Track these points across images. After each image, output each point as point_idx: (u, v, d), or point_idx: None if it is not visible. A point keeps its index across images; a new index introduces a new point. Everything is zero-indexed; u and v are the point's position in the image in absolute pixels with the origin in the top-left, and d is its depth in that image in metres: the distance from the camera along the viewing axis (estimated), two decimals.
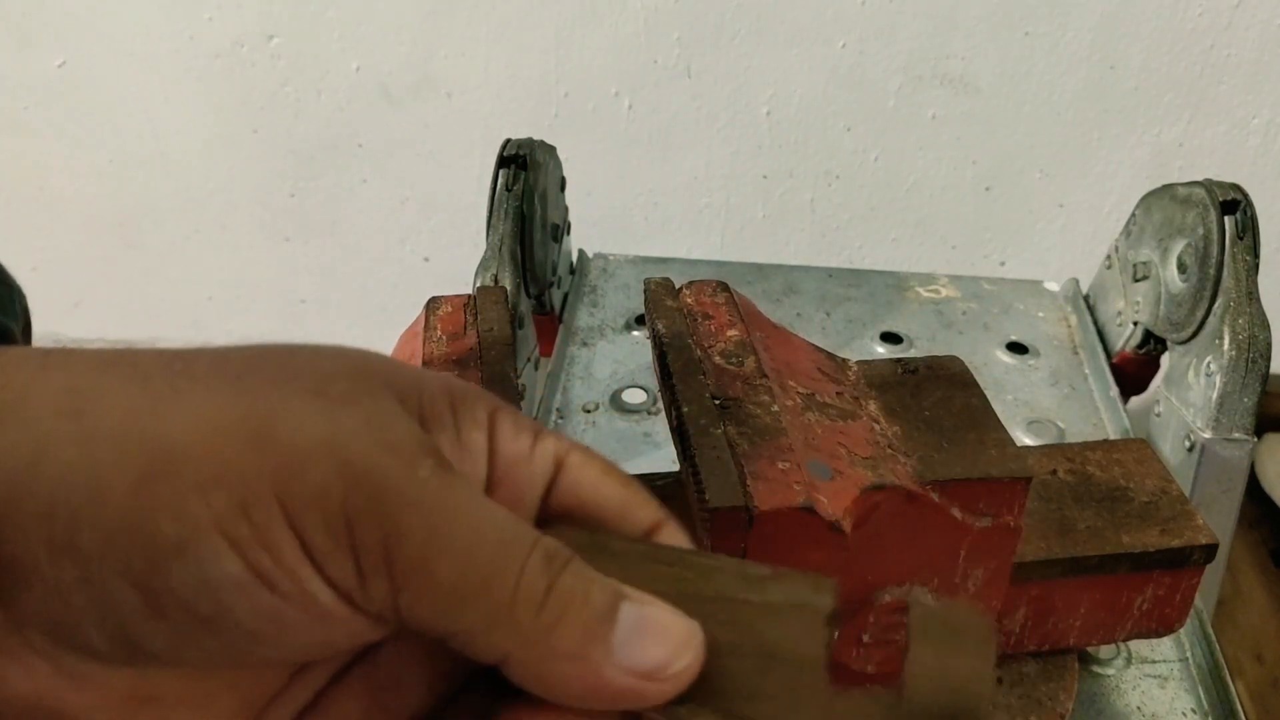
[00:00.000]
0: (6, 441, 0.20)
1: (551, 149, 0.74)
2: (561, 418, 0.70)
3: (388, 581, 0.22)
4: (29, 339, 0.30)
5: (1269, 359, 0.64)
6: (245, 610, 0.21)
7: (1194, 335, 0.67)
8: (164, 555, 0.21)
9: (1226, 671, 0.54)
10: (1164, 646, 0.56)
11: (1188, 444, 0.65)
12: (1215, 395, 0.64)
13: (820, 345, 0.50)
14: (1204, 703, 0.54)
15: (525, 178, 0.68)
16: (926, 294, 0.84)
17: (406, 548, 0.21)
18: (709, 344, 0.45)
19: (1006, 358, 0.77)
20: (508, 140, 0.70)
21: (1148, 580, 0.48)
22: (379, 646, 0.25)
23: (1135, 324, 0.74)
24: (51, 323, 0.65)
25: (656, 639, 0.23)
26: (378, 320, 1.36)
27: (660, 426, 0.69)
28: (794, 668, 0.24)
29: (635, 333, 0.78)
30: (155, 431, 0.21)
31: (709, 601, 0.25)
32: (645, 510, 0.27)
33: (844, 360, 0.49)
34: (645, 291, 0.49)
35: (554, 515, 0.27)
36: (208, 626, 0.21)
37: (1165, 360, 0.72)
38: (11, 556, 0.20)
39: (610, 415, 0.70)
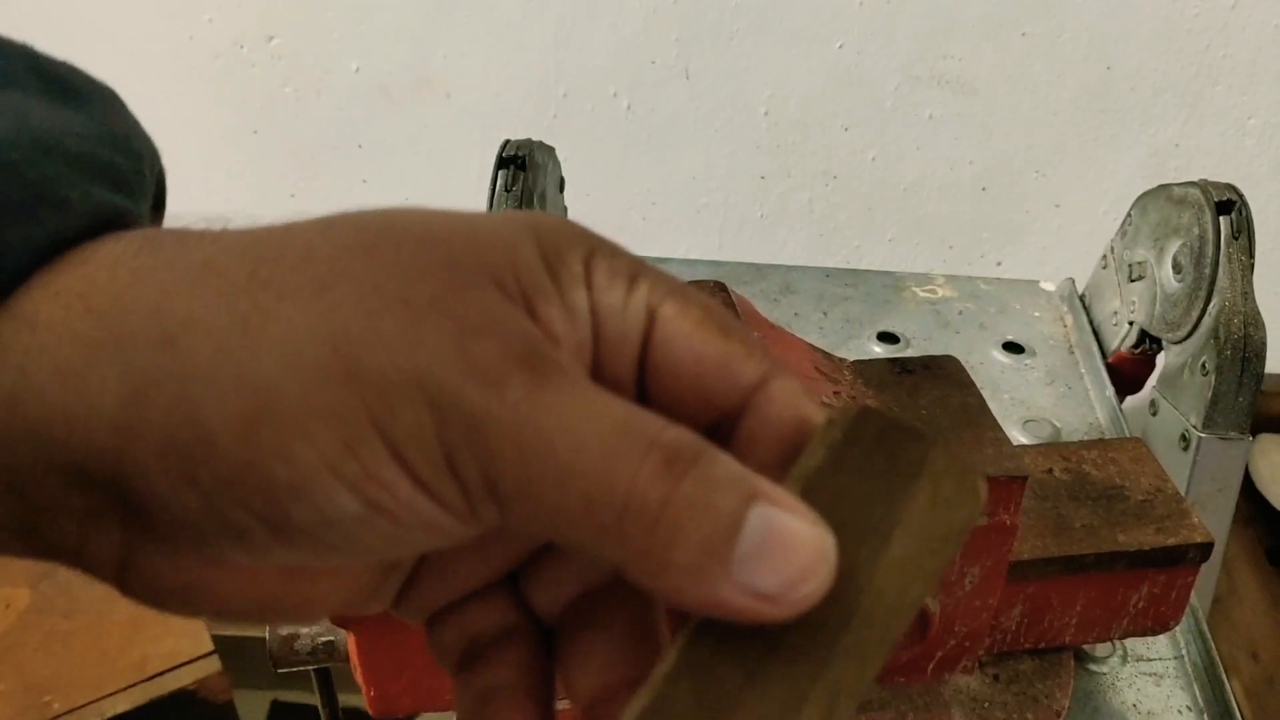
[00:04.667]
0: (103, 378, 0.20)
1: (550, 149, 0.74)
2: None
3: (495, 506, 0.21)
4: (162, 210, 0.29)
5: (1264, 358, 0.64)
6: (369, 537, 0.22)
7: (1189, 335, 0.67)
8: (280, 496, 0.21)
9: (1222, 669, 0.55)
10: (1159, 644, 0.57)
11: (1183, 443, 0.66)
12: (1210, 394, 0.64)
13: (817, 345, 0.50)
14: (1199, 700, 0.54)
15: (524, 178, 0.68)
16: (923, 294, 0.84)
17: (505, 475, 0.21)
18: None
19: (1003, 357, 0.78)
20: (507, 141, 0.70)
21: (1143, 578, 0.49)
22: None
23: (1131, 324, 0.74)
24: None
25: (783, 557, 0.21)
26: None
27: None
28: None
29: None
30: (249, 370, 0.20)
31: None
32: (749, 364, 0.24)
33: (841, 360, 0.49)
34: None
35: (650, 374, 0.25)
36: (334, 550, 0.22)
37: (1160, 360, 0.72)
38: (137, 490, 0.21)
39: None
